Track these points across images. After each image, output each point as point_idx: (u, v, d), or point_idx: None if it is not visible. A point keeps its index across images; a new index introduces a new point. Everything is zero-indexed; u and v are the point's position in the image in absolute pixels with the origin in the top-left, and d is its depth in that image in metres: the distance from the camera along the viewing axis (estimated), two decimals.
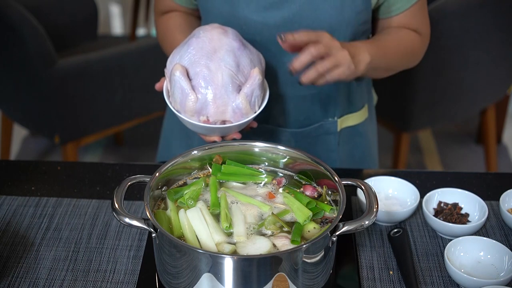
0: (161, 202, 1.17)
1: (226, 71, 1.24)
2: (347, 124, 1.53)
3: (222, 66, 1.24)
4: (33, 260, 1.21)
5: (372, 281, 1.18)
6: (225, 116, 1.25)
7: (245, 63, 1.27)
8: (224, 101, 1.24)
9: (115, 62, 2.63)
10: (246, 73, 1.27)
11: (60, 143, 2.63)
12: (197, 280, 1.03)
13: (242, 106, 1.25)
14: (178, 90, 1.25)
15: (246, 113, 1.26)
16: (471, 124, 3.57)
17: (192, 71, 1.25)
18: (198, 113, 1.25)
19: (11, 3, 2.38)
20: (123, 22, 4.84)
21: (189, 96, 1.24)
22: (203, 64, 1.24)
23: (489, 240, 1.20)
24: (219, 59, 1.25)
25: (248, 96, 1.25)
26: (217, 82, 1.23)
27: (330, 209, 1.14)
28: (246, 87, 1.25)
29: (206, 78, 1.24)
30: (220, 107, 1.24)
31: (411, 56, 1.45)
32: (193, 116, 1.26)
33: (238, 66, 1.26)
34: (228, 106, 1.24)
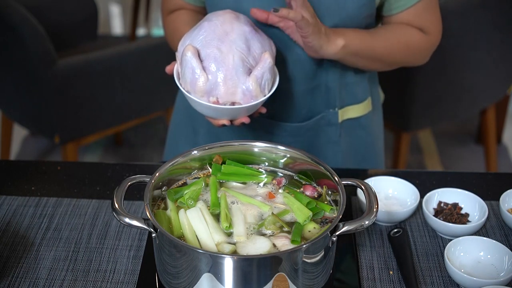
0: (161, 202, 1.17)
1: (237, 54, 1.25)
2: (348, 116, 1.54)
3: (234, 48, 1.25)
4: (33, 260, 1.21)
5: (372, 281, 1.18)
6: (235, 98, 1.26)
7: (256, 46, 1.28)
8: (234, 82, 1.25)
9: (115, 62, 2.63)
10: (256, 56, 1.28)
11: (60, 143, 2.62)
12: (197, 280, 1.03)
13: (252, 88, 1.25)
14: (189, 70, 1.26)
15: (256, 96, 1.27)
16: (471, 124, 3.57)
17: (204, 53, 1.26)
18: (208, 93, 1.26)
19: (11, 3, 2.38)
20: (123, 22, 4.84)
21: (200, 76, 1.25)
22: (214, 45, 1.26)
23: (489, 240, 1.20)
24: (230, 42, 1.26)
25: (259, 79, 1.26)
26: (228, 64, 1.25)
27: (330, 209, 1.14)
28: (257, 69, 1.26)
29: (217, 59, 1.25)
30: (230, 88, 1.25)
31: (408, 52, 1.45)
32: (203, 97, 1.27)
33: (249, 49, 1.27)
34: (238, 88, 1.25)
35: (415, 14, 1.42)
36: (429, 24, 1.44)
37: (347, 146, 1.57)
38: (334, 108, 1.51)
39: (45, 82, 2.46)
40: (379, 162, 1.65)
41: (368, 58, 1.42)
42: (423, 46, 1.46)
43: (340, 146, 1.55)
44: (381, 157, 1.67)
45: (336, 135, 1.54)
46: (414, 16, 1.42)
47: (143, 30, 4.62)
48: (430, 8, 1.43)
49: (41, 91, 2.51)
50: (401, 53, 1.45)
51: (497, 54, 2.64)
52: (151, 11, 4.62)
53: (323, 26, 1.33)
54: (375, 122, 1.62)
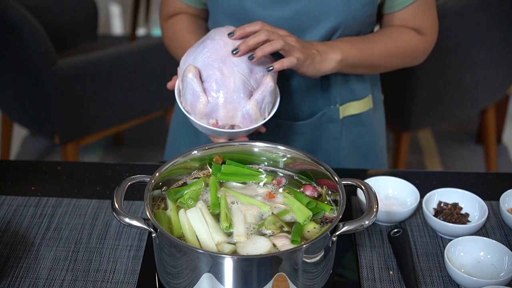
0: (161, 202, 1.17)
1: (239, 76, 1.25)
2: (349, 112, 1.54)
3: (235, 71, 1.26)
4: (33, 260, 1.21)
5: (372, 281, 1.18)
6: (234, 121, 1.27)
7: (258, 69, 1.29)
8: (235, 106, 1.26)
9: (115, 62, 2.63)
10: (258, 78, 1.28)
11: (60, 143, 2.63)
12: (197, 280, 1.03)
13: (252, 113, 1.26)
14: (190, 91, 1.26)
15: (256, 119, 1.28)
16: (471, 124, 3.57)
17: (205, 74, 1.26)
18: (207, 116, 1.26)
19: (11, 3, 2.38)
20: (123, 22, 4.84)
21: (200, 98, 1.25)
22: (216, 67, 1.26)
23: (489, 240, 1.20)
24: (232, 64, 1.26)
25: (259, 103, 1.26)
26: (229, 87, 1.25)
27: (330, 209, 1.14)
28: (258, 93, 1.26)
29: (218, 82, 1.25)
30: (230, 111, 1.26)
31: (405, 56, 1.46)
32: (202, 119, 1.27)
33: (251, 72, 1.27)
34: (238, 111, 1.26)
35: (413, 13, 1.43)
36: (426, 24, 1.45)
37: (348, 143, 1.57)
38: (335, 105, 1.51)
39: (45, 82, 2.46)
40: (381, 160, 1.66)
41: (366, 67, 1.44)
42: (420, 48, 1.47)
43: (341, 143, 1.55)
44: (384, 155, 1.67)
45: (337, 132, 1.54)
46: (412, 15, 1.43)
47: (143, 30, 4.62)
48: (427, 7, 1.44)
49: (41, 91, 2.51)
50: (399, 58, 1.46)
51: (497, 54, 2.64)
52: (151, 11, 4.62)
53: (316, 46, 1.33)
54: (376, 119, 1.62)
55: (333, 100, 1.51)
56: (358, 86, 1.54)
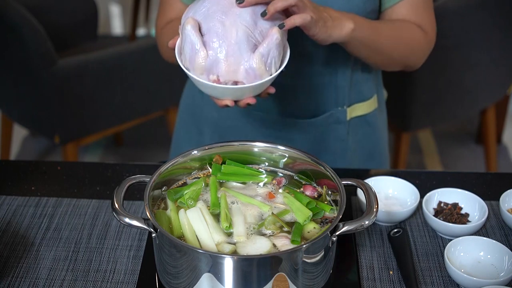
0: (161, 202, 1.17)
1: (242, 28, 1.14)
2: (356, 113, 1.54)
3: (238, 22, 1.14)
4: (33, 260, 1.21)
5: (372, 281, 1.18)
6: (237, 77, 1.15)
7: (263, 21, 1.16)
8: (237, 59, 1.14)
9: (115, 62, 2.63)
10: (264, 31, 1.15)
11: (60, 143, 2.63)
12: (197, 280, 1.03)
13: (256, 67, 1.14)
14: (188, 45, 1.15)
15: (261, 75, 1.15)
16: (471, 124, 3.57)
17: (205, 26, 1.15)
18: (208, 71, 1.15)
19: (11, 3, 2.38)
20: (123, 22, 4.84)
21: (199, 52, 1.14)
22: (217, 19, 1.14)
23: (489, 240, 1.20)
24: (235, 15, 1.14)
25: (264, 56, 1.14)
26: (230, 39, 1.13)
27: (330, 209, 1.14)
28: (262, 46, 1.14)
29: (219, 34, 1.13)
30: (232, 65, 1.14)
31: (410, 46, 1.43)
32: (202, 75, 1.16)
33: (255, 24, 1.15)
34: (240, 66, 1.14)
35: (411, 10, 1.40)
36: (426, 22, 1.43)
37: (354, 144, 1.57)
38: (343, 106, 1.51)
39: (45, 82, 2.46)
40: (384, 159, 1.66)
41: (372, 47, 1.37)
42: (424, 45, 1.45)
43: (348, 144, 1.55)
44: (387, 154, 1.67)
45: (344, 133, 1.53)
46: (411, 10, 1.40)
47: (143, 30, 4.62)
48: (425, 6, 1.43)
49: (41, 91, 2.51)
50: (404, 48, 1.42)
51: (497, 54, 2.64)
52: (151, 11, 4.62)
53: (329, 11, 1.26)
54: (380, 119, 1.62)
55: (341, 102, 1.50)
56: (365, 87, 1.53)
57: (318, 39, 1.25)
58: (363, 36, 1.31)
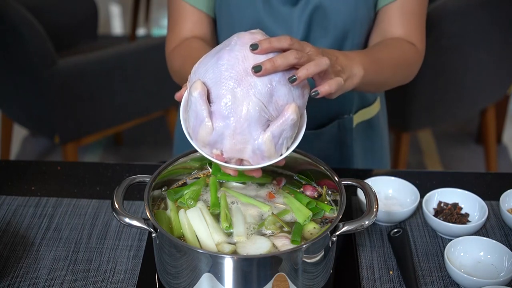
0: (161, 202, 1.17)
1: (255, 101, 1.00)
2: (362, 119, 1.53)
3: (251, 94, 1.00)
4: (33, 260, 1.21)
5: (372, 281, 1.18)
6: (242, 155, 1.03)
7: (281, 93, 1.02)
8: (245, 138, 1.01)
9: (115, 62, 2.63)
10: (280, 105, 1.02)
11: (60, 143, 2.63)
12: (197, 280, 1.03)
13: (264, 148, 1.02)
14: (193, 113, 1.02)
15: (269, 157, 1.04)
16: (471, 124, 3.57)
17: (215, 93, 1.01)
18: (211, 145, 1.04)
19: (11, 3, 2.38)
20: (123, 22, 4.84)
21: (204, 123, 1.01)
22: (229, 87, 1.00)
23: (489, 240, 1.20)
24: (249, 85, 1.00)
25: (275, 138, 1.02)
26: (240, 114, 1.00)
27: (330, 209, 1.14)
28: (275, 125, 1.01)
29: (228, 106, 1.00)
30: (239, 144, 1.02)
31: (406, 69, 1.39)
32: (205, 147, 1.05)
33: (271, 97, 1.01)
34: (248, 145, 1.02)
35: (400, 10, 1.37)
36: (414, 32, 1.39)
37: (359, 148, 1.56)
38: (349, 114, 1.50)
39: (45, 82, 2.46)
40: (385, 159, 1.65)
41: (376, 84, 1.33)
42: (417, 62, 1.41)
43: (353, 150, 1.54)
44: (388, 153, 1.67)
45: (350, 139, 1.53)
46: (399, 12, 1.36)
47: (143, 30, 4.62)
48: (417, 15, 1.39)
49: (41, 91, 2.51)
50: (402, 70, 1.38)
51: (497, 54, 2.64)
52: (151, 11, 4.62)
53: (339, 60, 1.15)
54: (382, 119, 1.62)
55: (348, 110, 1.49)
56: None
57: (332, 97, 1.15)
58: (371, 78, 1.24)
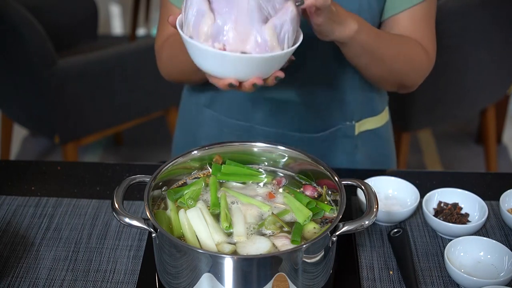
0: (161, 202, 1.17)
1: None
2: (366, 127, 1.51)
3: None
4: (33, 260, 1.21)
5: (372, 281, 1.18)
6: (245, 47, 1.03)
7: None
8: (247, 28, 1.02)
9: (115, 62, 2.63)
10: (277, 7, 1.04)
11: (60, 143, 2.63)
12: (197, 280, 1.03)
13: (267, 38, 1.02)
14: (193, 10, 1.03)
15: (272, 48, 1.03)
16: (471, 124, 3.57)
17: None
18: (213, 38, 1.03)
19: (11, 3, 2.38)
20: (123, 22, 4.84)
21: (205, 16, 1.02)
22: None
23: (489, 240, 1.20)
24: None
25: (277, 28, 1.03)
26: (241, 5, 1.02)
27: (330, 209, 1.14)
28: (276, 17, 1.03)
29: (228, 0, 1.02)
30: (241, 34, 1.02)
31: (411, 63, 1.37)
32: (207, 42, 1.03)
33: None
34: (250, 35, 1.02)
35: (411, 22, 1.36)
36: (426, 39, 1.38)
37: (363, 157, 1.54)
38: (351, 121, 1.48)
39: (45, 82, 2.46)
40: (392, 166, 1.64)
41: (372, 55, 1.30)
42: (425, 65, 1.40)
43: (355, 157, 1.52)
44: (394, 161, 1.65)
45: (352, 147, 1.51)
46: (410, 23, 1.36)
47: (143, 30, 4.62)
48: (426, 22, 1.38)
49: (41, 91, 2.51)
50: (405, 63, 1.36)
51: (497, 54, 2.64)
52: (151, 11, 4.62)
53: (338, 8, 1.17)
54: (390, 130, 1.60)
55: (349, 117, 1.47)
56: (378, 102, 1.50)
57: (321, 31, 1.16)
58: (365, 40, 1.24)
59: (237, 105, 1.48)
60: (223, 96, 1.48)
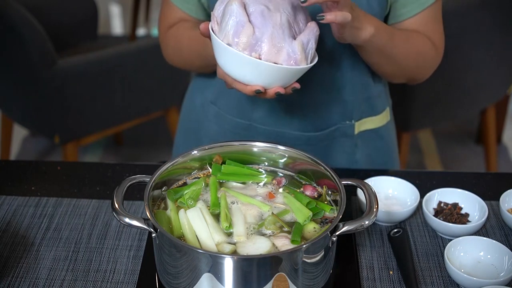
0: (161, 202, 1.17)
1: (285, 15, 1.15)
2: (366, 127, 1.51)
3: (281, 9, 1.15)
4: (33, 260, 1.21)
5: (372, 281, 1.18)
6: (278, 58, 1.14)
7: (301, 16, 1.18)
8: (281, 42, 1.14)
9: (115, 62, 2.63)
10: (301, 26, 1.18)
11: (60, 143, 2.63)
12: (197, 280, 1.03)
13: (298, 52, 1.14)
14: (233, 21, 1.13)
15: (300, 61, 1.15)
16: (471, 124, 3.57)
17: (251, 8, 1.15)
18: (251, 48, 1.13)
19: (11, 3, 2.38)
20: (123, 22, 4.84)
21: (245, 27, 1.13)
22: (262, 3, 1.15)
23: (489, 240, 1.20)
24: (277, 3, 1.16)
25: (305, 44, 1.15)
26: (275, 21, 1.14)
27: (330, 209, 1.14)
28: (304, 34, 1.16)
29: (264, 16, 1.14)
30: (276, 46, 1.14)
31: (421, 59, 1.39)
32: (245, 50, 1.14)
33: (295, 16, 1.17)
34: (283, 48, 1.14)
35: (420, 24, 1.38)
36: (435, 36, 1.40)
37: (363, 157, 1.54)
38: (351, 120, 1.48)
39: (45, 82, 2.46)
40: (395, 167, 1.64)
41: (386, 54, 1.34)
42: (434, 58, 1.42)
43: (355, 157, 1.52)
44: (397, 162, 1.64)
45: (352, 146, 1.51)
46: (419, 26, 1.38)
47: (143, 30, 4.62)
48: (435, 20, 1.40)
49: (41, 91, 2.51)
50: (416, 59, 1.39)
51: (497, 54, 2.64)
52: (151, 11, 4.62)
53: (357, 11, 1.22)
54: (392, 131, 1.60)
55: (349, 116, 1.48)
56: (378, 101, 1.51)
57: (340, 38, 1.23)
58: (380, 42, 1.28)
59: (237, 104, 1.48)
60: (226, 94, 1.49)
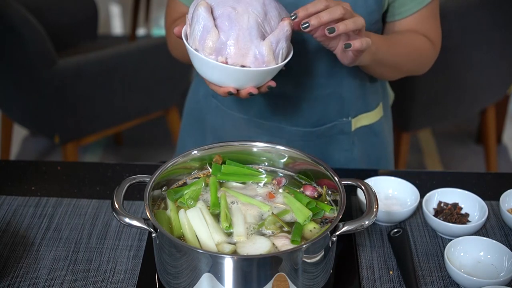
0: (161, 202, 1.17)
1: (253, 16, 1.15)
2: (361, 123, 1.52)
3: (250, 10, 1.15)
4: (33, 260, 1.21)
5: (372, 281, 1.18)
6: (245, 61, 1.15)
7: (273, 14, 1.18)
8: (247, 44, 1.15)
9: (115, 62, 2.63)
10: (273, 25, 1.17)
11: (60, 143, 2.63)
12: (197, 280, 1.03)
13: (265, 53, 1.15)
14: (200, 26, 1.15)
15: (268, 62, 1.16)
16: (471, 124, 3.57)
17: (218, 12, 1.16)
18: (217, 52, 1.15)
19: (11, 3, 2.38)
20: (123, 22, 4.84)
21: (210, 32, 1.14)
22: (229, 5, 1.16)
23: (489, 240, 1.20)
24: (246, 3, 1.16)
25: (273, 44, 1.15)
26: (242, 24, 1.14)
27: (330, 209, 1.14)
28: (273, 35, 1.15)
29: (231, 18, 1.14)
30: (242, 49, 1.15)
31: (420, 59, 1.43)
32: (211, 55, 1.16)
33: (265, 15, 1.17)
34: (250, 50, 1.15)
35: (418, 22, 1.40)
36: (432, 33, 1.42)
37: (360, 153, 1.55)
38: (348, 117, 1.49)
39: (45, 82, 2.46)
40: (390, 165, 1.64)
41: (387, 66, 1.37)
42: (432, 55, 1.44)
43: (352, 154, 1.53)
44: (392, 159, 1.66)
45: (349, 143, 1.52)
46: (417, 24, 1.40)
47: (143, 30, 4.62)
48: (433, 17, 1.41)
49: (41, 91, 2.51)
50: (415, 61, 1.42)
51: (497, 54, 2.64)
52: (151, 11, 4.62)
53: None
54: (386, 126, 1.60)
55: (346, 113, 1.49)
56: (371, 97, 1.52)
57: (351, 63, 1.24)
58: (381, 57, 1.31)
59: (236, 98, 1.49)
60: None
